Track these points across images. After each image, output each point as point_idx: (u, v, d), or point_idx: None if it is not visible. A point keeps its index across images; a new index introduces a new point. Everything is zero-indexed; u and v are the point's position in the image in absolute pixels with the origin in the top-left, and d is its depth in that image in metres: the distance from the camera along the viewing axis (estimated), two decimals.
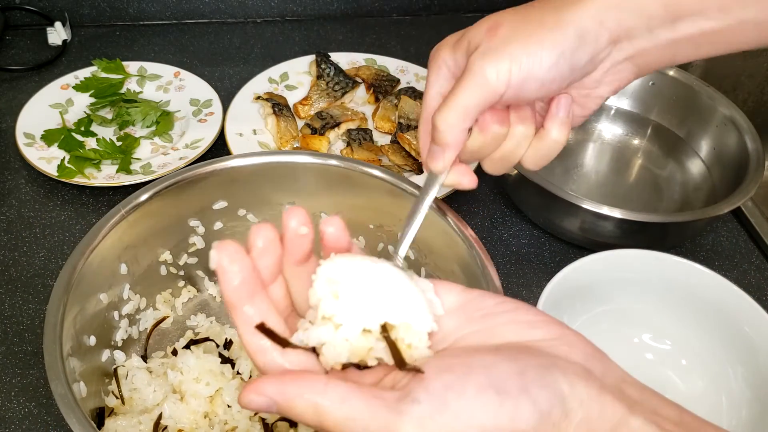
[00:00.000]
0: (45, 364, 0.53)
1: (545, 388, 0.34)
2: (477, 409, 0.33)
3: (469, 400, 0.33)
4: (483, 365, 0.35)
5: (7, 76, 1.01)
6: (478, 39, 0.52)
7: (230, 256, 0.37)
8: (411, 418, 0.33)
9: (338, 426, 0.34)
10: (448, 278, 0.66)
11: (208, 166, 0.67)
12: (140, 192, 0.65)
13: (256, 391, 0.35)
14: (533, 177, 0.76)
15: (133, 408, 0.62)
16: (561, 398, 0.34)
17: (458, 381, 0.34)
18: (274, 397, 0.35)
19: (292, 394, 0.35)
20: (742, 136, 0.85)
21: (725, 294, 0.66)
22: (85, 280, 0.60)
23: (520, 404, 0.33)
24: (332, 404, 0.34)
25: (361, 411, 0.34)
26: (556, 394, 0.34)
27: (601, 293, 0.70)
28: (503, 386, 0.33)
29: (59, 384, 0.52)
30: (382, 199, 0.68)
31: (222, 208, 0.70)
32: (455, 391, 0.33)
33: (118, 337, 0.67)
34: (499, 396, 0.33)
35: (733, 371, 0.67)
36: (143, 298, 0.69)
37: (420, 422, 0.33)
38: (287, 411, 0.35)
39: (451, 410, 0.33)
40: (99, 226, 0.62)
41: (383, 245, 0.71)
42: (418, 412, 0.33)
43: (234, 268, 0.37)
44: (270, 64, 1.02)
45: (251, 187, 0.70)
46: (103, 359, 0.64)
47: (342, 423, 0.34)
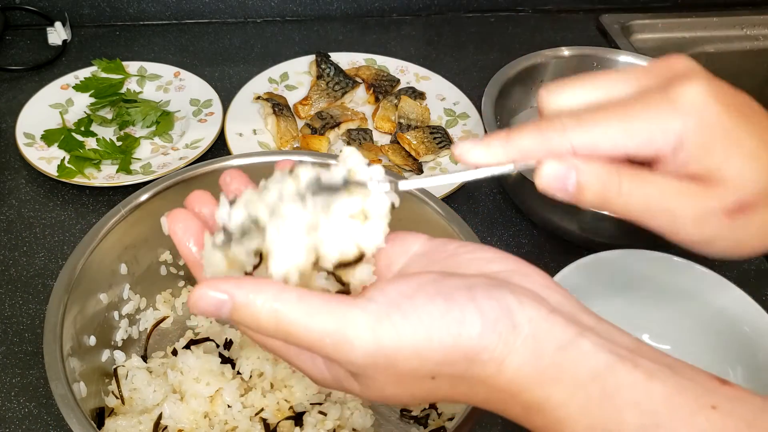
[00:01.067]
0: (45, 364, 0.53)
1: (493, 300, 0.35)
2: (426, 313, 0.35)
3: (420, 305, 0.35)
4: (434, 279, 0.37)
5: (7, 76, 1.00)
6: None
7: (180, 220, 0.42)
8: (366, 313, 0.35)
9: (294, 325, 0.35)
10: None
11: (208, 166, 0.67)
12: (140, 192, 0.65)
13: (213, 287, 0.35)
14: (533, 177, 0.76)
15: (133, 408, 0.62)
16: (508, 311, 0.35)
17: (411, 289, 0.36)
18: (232, 293, 0.35)
19: (249, 292, 0.35)
20: None
21: (725, 294, 0.66)
22: (85, 280, 0.60)
23: (466, 311, 0.35)
24: (290, 302, 0.35)
25: (318, 307, 0.35)
26: (502, 306, 0.35)
27: (601, 293, 0.70)
28: (452, 295, 0.35)
29: (59, 384, 0.52)
30: None
31: None
32: (408, 296, 0.36)
33: (118, 337, 0.67)
34: (447, 302, 0.35)
35: (733, 371, 0.67)
36: (143, 298, 0.69)
37: (375, 318, 0.35)
38: (243, 312, 0.35)
39: (402, 311, 0.35)
40: (99, 226, 0.62)
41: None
42: (373, 309, 0.35)
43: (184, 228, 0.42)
44: (270, 64, 1.02)
45: None
46: (103, 359, 0.64)
47: (299, 320, 0.35)
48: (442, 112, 0.98)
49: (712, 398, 0.33)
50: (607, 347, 0.34)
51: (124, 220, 0.63)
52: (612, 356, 0.34)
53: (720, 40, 1.21)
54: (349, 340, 0.34)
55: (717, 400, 0.33)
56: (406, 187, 0.41)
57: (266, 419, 0.61)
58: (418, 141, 0.90)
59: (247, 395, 0.63)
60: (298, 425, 0.61)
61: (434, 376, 0.36)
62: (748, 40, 1.22)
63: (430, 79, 1.02)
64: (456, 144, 0.40)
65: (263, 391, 0.63)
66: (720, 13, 1.21)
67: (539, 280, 0.38)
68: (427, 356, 0.35)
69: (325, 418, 0.60)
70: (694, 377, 0.34)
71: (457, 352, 0.35)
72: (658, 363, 0.34)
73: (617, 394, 0.33)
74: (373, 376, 0.36)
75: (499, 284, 0.36)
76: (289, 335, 0.35)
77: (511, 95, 0.92)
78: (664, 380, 0.33)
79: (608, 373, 0.33)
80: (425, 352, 0.35)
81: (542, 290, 0.37)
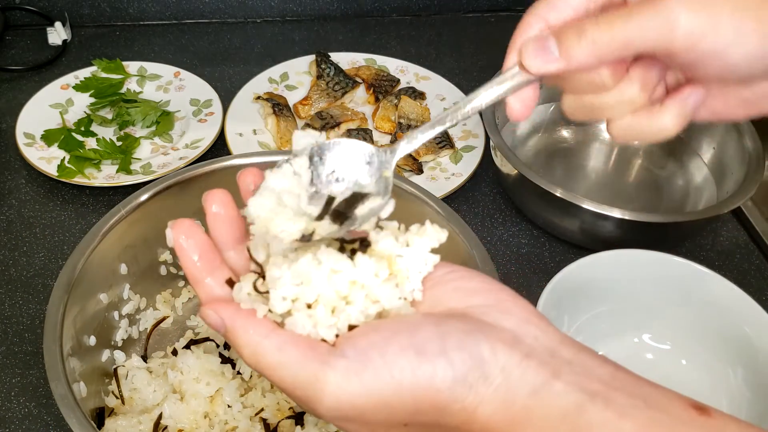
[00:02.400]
0: (45, 364, 0.53)
1: (464, 351, 0.35)
2: (397, 367, 0.35)
3: (391, 357, 0.36)
4: (408, 329, 0.37)
5: (7, 76, 1.00)
6: None
7: (186, 233, 0.41)
8: (336, 370, 0.36)
9: (270, 369, 0.37)
10: None
11: (208, 166, 0.67)
12: (140, 192, 0.65)
13: (214, 309, 0.39)
14: (533, 177, 0.76)
15: (133, 408, 0.62)
16: (479, 362, 0.35)
17: (383, 341, 0.36)
18: (225, 321, 0.38)
19: (240, 326, 0.38)
20: (742, 136, 0.85)
21: (725, 294, 0.66)
22: (85, 280, 0.60)
23: (437, 365, 0.35)
24: (270, 349, 0.37)
25: (294, 360, 0.37)
26: (474, 357, 0.35)
27: (601, 293, 0.70)
28: (423, 347, 0.36)
29: (59, 384, 0.52)
30: None
31: None
32: (379, 349, 0.36)
33: (118, 337, 0.67)
34: (418, 356, 0.35)
35: (733, 371, 0.67)
36: (143, 298, 0.69)
37: (344, 375, 0.35)
38: (232, 339, 0.39)
39: (373, 365, 0.35)
40: (99, 226, 0.62)
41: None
42: (342, 365, 0.36)
43: (190, 243, 0.41)
44: (270, 64, 1.02)
45: None
46: (103, 359, 0.64)
47: (275, 367, 0.37)
48: (442, 112, 0.97)
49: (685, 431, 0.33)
50: (579, 385, 0.34)
51: (124, 220, 0.63)
52: (583, 395, 0.34)
53: None
54: (317, 395, 0.36)
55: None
56: None
57: (266, 419, 0.61)
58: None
59: (247, 395, 0.63)
60: (299, 425, 0.61)
61: (407, 424, 0.37)
62: None
63: (430, 79, 1.02)
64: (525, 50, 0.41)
65: (263, 391, 0.63)
66: None
67: (519, 314, 0.38)
68: (396, 408, 0.36)
69: None
70: (669, 409, 0.34)
71: (427, 403, 0.35)
72: (632, 396, 0.34)
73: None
74: (345, 425, 0.38)
75: (474, 330, 0.36)
76: (267, 377, 0.38)
77: None
78: (635, 416, 0.33)
79: (579, 413, 0.34)
80: (395, 404, 0.36)
81: (521, 326, 0.37)
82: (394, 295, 0.39)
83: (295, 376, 0.36)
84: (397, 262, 0.39)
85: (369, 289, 0.38)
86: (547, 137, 0.96)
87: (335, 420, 0.37)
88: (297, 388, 0.37)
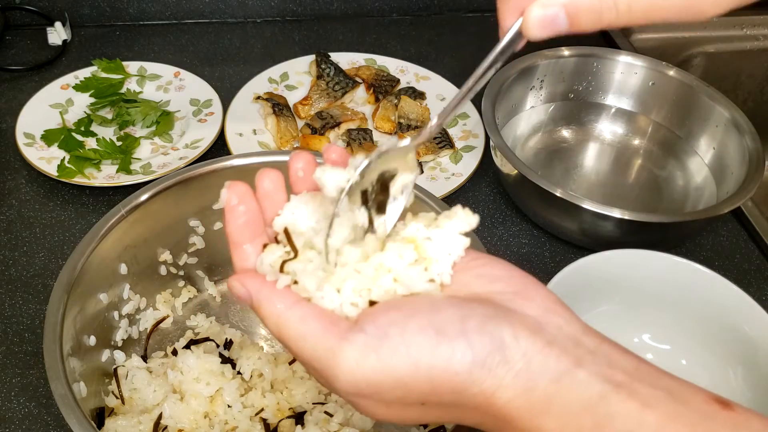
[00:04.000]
0: (45, 364, 0.53)
1: (484, 335, 0.35)
2: (415, 345, 0.35)
3: (409, 335, 0.35)
4: (429, 308, 0.37)
5: (7, 76, 1.00)
6: None
7: (239, 196, 0.41)
8: (353, 345, 0.36)
9: (292, 340, 0.38)
10: None
11: (208, 166, 0.67)
12: (140, 192, 0.65)
13: (240, 281, 0.40)
14: (533, 177, 0.76)
15: (133, 408, 0.62)
16: (500, 346, 0.35)
17: (403, 318, 0.36)
18: (251, 291, 0.40)
19: (265, 297, 0.39)
20: (742, 136, 0.85)
21: (725, 294, 0.66)
22: (85, 280, 0.60)
23: (456, 346, 0.35)
24: (293, 319, 0.38)
25: (314, 333, 0.37)
26: (495, 341, 0.35)
27: (601, 293, 0.70)
28: (443, 328, 0.35)
29: (59, 384, 0.52)
30: None
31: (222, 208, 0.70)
32: (398, 326, 0.36)
33: (118, 337, 0.67)
34: (437, 336, 0.35)
35: (733, 371, 0.67)
36: (143, 298, 0.69)
37: (361, 350, 0.36)
38: (257, 309, 0.40)
39: (391, 342, 0.35)
40: (99, 226, 0.62)
41: None
42: (361, 341, 0.36)
43: (241, 208, 0.41)
44: (270, 64, 1.02)
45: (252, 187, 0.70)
46: (103, 359, 0.64)
47: (296, 339, 0.38)
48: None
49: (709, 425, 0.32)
50: (603, 375, 0.34)
51: (124, 220, 0.63)
52: (607, 385, 0.34)
53: (720, 40, 1.21)
54: (334, 369, 0.36)
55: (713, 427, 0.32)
56: None
57: (266, 419, 0.61)
58: None
59: (247, 395, 0.63)
60: (299, 424, 0.61)
61: (423, 403, 0.37)
62: (748, 40, 1.22)
63: (430, 79, 1.02)
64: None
65: (263, 391, 0.63)
66: None
67: (542, 304, 0.38)
68: (412, 387, 0.36)
69: (327, 417, 0.60)
70: (692, 402, 0.33)
71: (444, 385, 0.35)
72: (656, 387, 0.34)
73: (609, 424, 0.33)
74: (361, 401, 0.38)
75: (497, 315, 0.36)
76: (287, 346, 0.39)
77: (511, 95, 0.92)
78: (658, 408, 0.33)
79: (601, 403, 0.33)
80: (411, 383, 0.35)
81: (544, 315, 0.37)
82: (422, 278, 0.39)
83: (314, 348, 0.37)
84: (426, 246, 0.39)
85: (396, 272, 0.39)
86: (547, 137, 0.96)
87: (351, 396, 0.37)
88: (315, 360, 0.37)
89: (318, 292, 0.39)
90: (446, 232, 0.40)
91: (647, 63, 0.94)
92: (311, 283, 0.39)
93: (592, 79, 0.97)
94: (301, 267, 0.40)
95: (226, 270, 0.75)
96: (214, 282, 0.74)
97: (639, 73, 0.95)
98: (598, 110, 0.98)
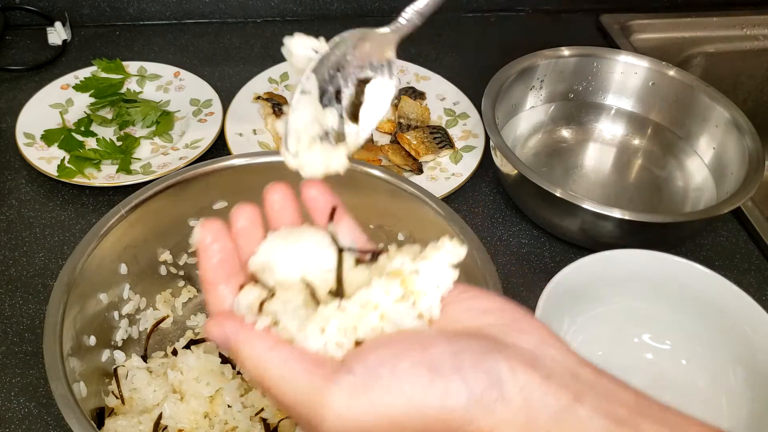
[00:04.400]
0: (45, 364, 0.53)
1: (480, 371, 0.34)
2: (408, 385, 0.33)
3: (401, 375, 0.34)
4: (421, 344, 0.35)
5: (7, 76, 1.00)
6: None
7: (213, 234, 0.40)
8: (342, 387, 0.34)
9: (273, 384, 0.36)
10: None
11: (208, 166, 0.67)
12: (140, 192, 0.65)
13: (218, 324, 0.38)
14: (533, 177, 0.76)
15: (133, 408, 0.62)
16: (497, 382, 0.34)
17: (394, 357, 0.34)
18: (229, 334, 0.37)
19: (244, 339, 0.37)
20: (742, 136, 0.85)
21: (725, 294, 0.66)
22: (85, 280, 0.60)
23: (451, 384, 0.33)
24: (274, 362, 0.36)
25: (298, 375, 0.35)
26: (491, 377, 0.34)
27: (601, 293, 0.70)
28: (436, 365, 0.34)
29: (59, 384, 0.52)
30: (382, 199, 0.68)
31: (222, 208, 0.70)
32: (389, 365, 0.34)
33: (118, 337, 0.67)
34: (430, 373, 0.34)
35: (733, 371, 0.67)
36: (143, 298, 0.69)
37: (350, 392, 0.34)
38: (235, 353, 0.38)
39: (382, 383, 0.34)
40: (99, 226, 0.62)
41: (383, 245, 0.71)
42: (350, 382, 0.34)
43: (215, 246, 0.40)
44: (270, 64, 1.02)
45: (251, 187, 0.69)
46: (103, 359, 0.64)
47: (277, 382, 0.36)
48: (442, 112, 0.98)
49: None
50: (604, 410, 0.33)
51: (124, 220, 0.63)
52: (609, 422, 0.33)
53: (720, 40, 1.21)
54: (320, 411, 0.34)
55: None
56: None
57: (266, 419, 0.61)
58: (418, 141, 0.90)
59: (247, 395, 0.63)
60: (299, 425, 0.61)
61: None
62: (748, 40, 1.22)
63: (430, 79, 1.02)
64: None
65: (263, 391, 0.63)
66: (720, 13, 1.22)
67: (535, 335, 0.36)
68: (406, 428, 0.34)
69: None
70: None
71: (438, 424, 0.34)
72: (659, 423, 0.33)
73: None
74: None
75: (491, 349, 0.35)
76: (269, 394, 0.36)
77: (511, 95, 0.92)
78: None
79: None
80: (405, 424, 0.34)
81: (538, 346, 0.36)
82: (410, 314, 0.37)
83: (297, 392, 0.35)
84: (413, 280, 0.38)
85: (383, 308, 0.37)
86: (547, 137, 0.96)
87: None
88: (299, 404, 0.35)
89: (300, 333, 0.36)
90: (434, 263, 0.38)
91: (647, 63, 0.94)
92: (292, 323, 0.37)
93: (592, 79, 0.97)
94: (281, 307, 0.38)
95: None
96: None
97: (639, 73, 0.95)
98: (598, 110, 0.98)
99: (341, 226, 0.43)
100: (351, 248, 0.40)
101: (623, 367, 0.70)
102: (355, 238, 0.43)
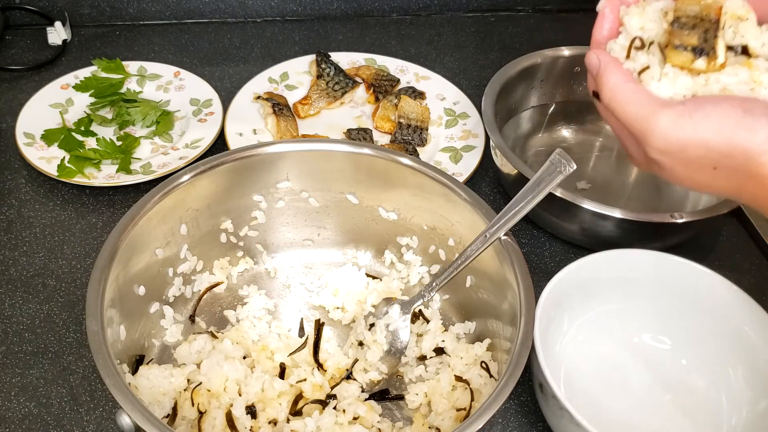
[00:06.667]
0: (86, 300, 0.56)
1: None
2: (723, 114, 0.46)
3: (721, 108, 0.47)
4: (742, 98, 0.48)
5: (7, 76, 1.01)
6: None
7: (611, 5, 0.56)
8: (671, 111, 0.48)
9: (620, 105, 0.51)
10: None
11: (276, 146, 0.71)
12: (208, 161, 0.68)
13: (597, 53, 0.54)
14: None
15: (173, 362, 0.65)
16: None
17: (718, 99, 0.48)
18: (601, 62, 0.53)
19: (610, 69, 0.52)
20: None
21: (725, 294, 0.66)
22: (143, 232, 0.63)
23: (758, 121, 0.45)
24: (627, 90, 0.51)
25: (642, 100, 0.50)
26: None
27: (601, 293, 0.70)
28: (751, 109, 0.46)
29: (93, 321, 0.55)
30: (437, 202, 0.70)
31: (286, 189, 0.73)
32: (713, 102, 0.47)
33: (170, 293, 0.69)
34: (744, 113, 0.46)
35: (733, 371, 0.67)
36: (200, 260, 0.71)
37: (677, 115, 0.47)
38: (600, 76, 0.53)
39: (704, 111, 0.47)
40: (163, 186, 0.65)
41: (434, 248, 0.73)
42: (678, 109, 0.48)
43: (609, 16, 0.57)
44: (270, 64, 1.02)
45: (314, 172, 0.73)
46: (152, 311, 0.67)
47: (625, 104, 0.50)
48: (442, 112, 0.98)
49: None
50: None
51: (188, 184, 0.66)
52: None
53: None
54: (651, 128, 0.48)
55: None
56: None
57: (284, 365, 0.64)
58: None
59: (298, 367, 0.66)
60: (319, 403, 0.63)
61: (716, 167, 0.48)
62: None
63: (430, 79, 1.02)
64: None
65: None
66: None
67: None
68: (712, 147, 0.46)
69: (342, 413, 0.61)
70: None
71: (738, 149, 0.46)
72: None
73: None
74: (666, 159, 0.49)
75: None
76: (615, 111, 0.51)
77: (511, 95, 0.92)
78: None
79: None
80: (712, 144, 0.46)
81: None
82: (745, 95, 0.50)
83: (637, 112, 0.49)
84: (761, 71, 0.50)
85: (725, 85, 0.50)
86: (547, 137, 0.96)
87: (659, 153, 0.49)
88: (636, 122, 0.49)
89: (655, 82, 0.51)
90: None
91: None
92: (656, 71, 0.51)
93: None
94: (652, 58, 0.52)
95: (283, 249, 0.77)
96: (272, 257, 0.76)
97: None
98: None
99: None
100: None
101: (623, 366, 0.70)
102: None
